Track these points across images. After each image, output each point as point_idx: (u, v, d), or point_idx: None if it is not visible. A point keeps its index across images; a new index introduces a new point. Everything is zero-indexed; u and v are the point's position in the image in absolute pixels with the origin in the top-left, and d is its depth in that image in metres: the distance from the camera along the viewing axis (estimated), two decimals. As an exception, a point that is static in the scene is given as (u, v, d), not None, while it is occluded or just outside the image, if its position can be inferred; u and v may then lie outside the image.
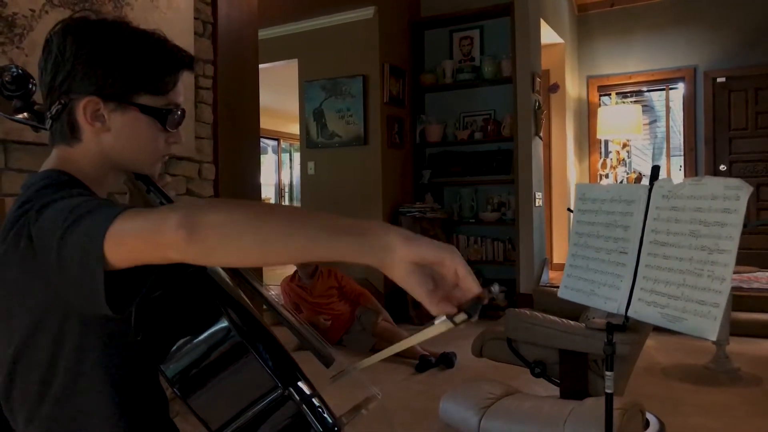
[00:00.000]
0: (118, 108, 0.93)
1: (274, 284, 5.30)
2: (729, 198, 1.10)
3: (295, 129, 9.50)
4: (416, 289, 0.65)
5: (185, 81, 1.02)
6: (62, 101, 0.92)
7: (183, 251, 0.66)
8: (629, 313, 1.25)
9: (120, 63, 0.92)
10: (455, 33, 5.60)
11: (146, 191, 1.10)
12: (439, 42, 5.67)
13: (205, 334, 0.95)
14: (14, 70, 1.06)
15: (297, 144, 10.85)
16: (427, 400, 3.14)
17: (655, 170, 1.27)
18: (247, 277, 1.18)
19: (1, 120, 2.14)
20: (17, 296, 0.85)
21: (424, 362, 3.70)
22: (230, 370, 0.95)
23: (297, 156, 11.37)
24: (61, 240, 0.73)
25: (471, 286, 0.66)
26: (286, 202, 11.68)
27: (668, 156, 6.48)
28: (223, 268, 1.15)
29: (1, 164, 2.30)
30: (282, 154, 11.33)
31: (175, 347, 0.94)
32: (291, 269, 4.64)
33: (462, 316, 0.66)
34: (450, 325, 0.67)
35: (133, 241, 0.70)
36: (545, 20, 5.41)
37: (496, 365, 2.85)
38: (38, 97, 1.10)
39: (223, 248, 0.67)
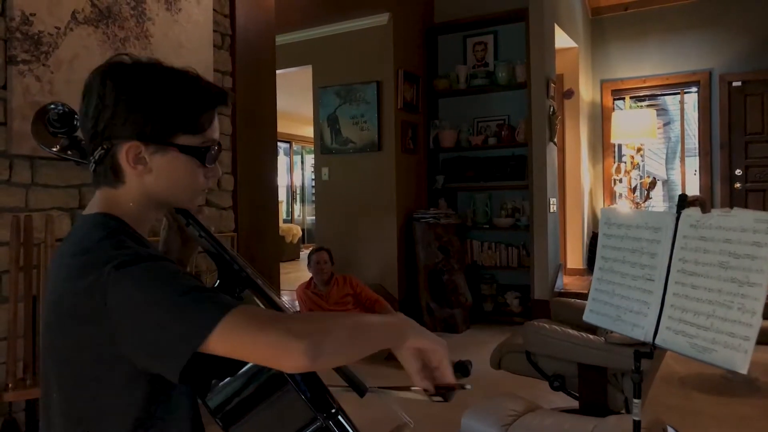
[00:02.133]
0: (158, 150, 0.95)
1: (289, 289, 5.34)
2: (759, 231, 1.10)
3: (306, 131, 9.56)
4: (411, 365, 0.89)
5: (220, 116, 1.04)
6: (105, 146, 0.94)
7: (298, 369, 0.79)
8: (657, 341, 1.26)
9: (158, 106, 0.94)
10: (469, 38, 5.60)
11: (186, 224, 1.12)
12: (453, 47, 5.67)
13: (246, 367, 0.98)
14: (60, 107, 1.09)
15: (309, 146, 10.93)
16: (445, 409, 3.15)
17: (682, 199, 1.28)
18: (275, 300, 1.20)
19: (28, 137, 2.18)
20: (75, 346, 0.87)
21: (440, 370, 3.71)
22: (270, 401, 0.97)
23: (308, 158, 11.43)
24: (159, 321, 0.80)
25: (447, 375, 0.90)
26: (298, 205, 11.72)
27: (683, 160, 6.45)
28: (259, 292, 1.17)
29: (28, 180, 2.34)
30: (294, 156, 11.38)
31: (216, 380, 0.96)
32: (300, 275, 4.66)
33: (438, 398, 0.90)
34: (426, 398, 0.91)
35: (244, 347, 0.79)
36: (559, 25, 5.40)
37: (512, 375, 2.86)
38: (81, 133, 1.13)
39: (330, 365, 0.84)
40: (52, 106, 1.10)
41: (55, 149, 1.11)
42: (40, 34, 2.32)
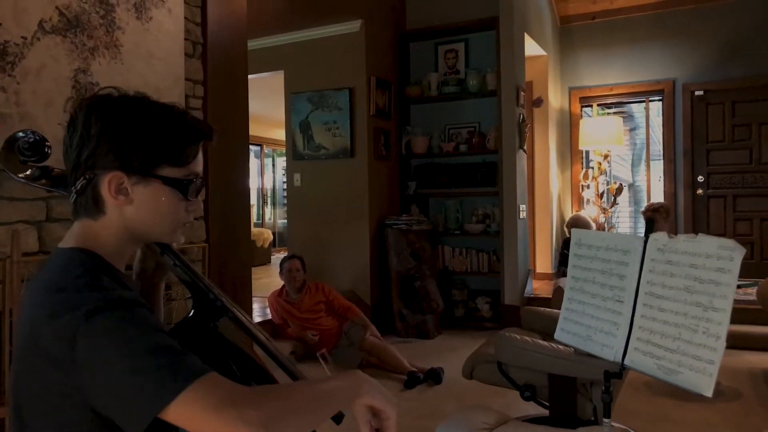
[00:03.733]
0: (141, 181, 0.95)
1: (261, 296, 5.31)
2: (723, 258, 1.14)
3: (277, 135, 9.50)
4: (361, 418, 0.93)
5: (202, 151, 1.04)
6: (87, 176, 0.94)
7: None
8: (626, 362, 1.30)
9: (143, 138, 0.94)
10: (441, 46, 5.65)
11: (161, 253, 1.12)
12: (425, 54, 5.71)
13: None
14: (30, 135, 1.07)
15: (279, 149, 10.87)
16: (418, 418, 3.18)
17: (649, 223, 1.32)
18: (249, 328, 1.20)
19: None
20: (44, 385, 0.86)
21: (412, 378, 3.74)
22: None
23: (279, 161, 11.36)
24: (119, 384, 0.80)
25: (391, 430, 0.94)
26: (269, 208, 11.65)
27: (648, 165, 6.61)
28: (234, 321, 1.17)
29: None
30: (265, 159, 11.30)
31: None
32: (271, 280, 4.63)
33: None
34: None
35: (199, 425, 0.78)
36: (529, 33, 5.48)
37: (488, 385, 2.90)
38: (52, 160, 1.11)
39: None
40: (22, 134, 1.08)
41: (21, 176, 1.09)
42: (6, 44, 2.27)
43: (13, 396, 0.92)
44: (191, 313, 1.13)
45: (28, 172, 1.11)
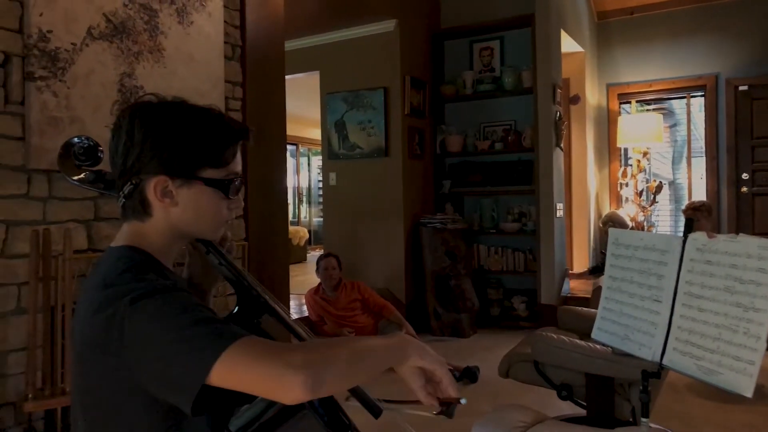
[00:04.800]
0: (184, 183, 0.99)
1: (297, 293, 5.39)
2: (764, 258, 1.13)
3: (313, 134, 9.59)
4: (414, 382, 0.93)
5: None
6: (134, 181, 0.99)
7: (297, 401, 0.81)
8: (664, 362, 1.29)
9: (184, 142, 0.99)
10: (475, 44, 5.63)
11: (205, 252, 1.16)
12: (460, 53, 5.70)
13: None
14: (85, 141, 1.13)
15: (315, 148, 10.97)
16: (455, 420, 3.19)
17: (689, 223, 1.31)
18: (292, 325, 1.23)
19: (45, 152, 2.23)
20: (98, 375, 0.92)
21: (447, 376, 3.75)
22: (288, 424, 1.01)
23: (315, 160, 11.48)
24: (165, 355, 0.83)
25: (449, 390, 0.94)
26: (304, 206, 11.77)
27: (689, 163, 6.46)
28: (277, 317, 1.20)
29: (46, 193, 2.39)
30: (300, 158, 11.43)
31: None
32: (307, 278, 4.70)
33: (441, 415, 0.96)
34: (430, 414, 0.98)
35: (245, 379, 0.81)
36: (565, 30, 5.42)
37: (526, 384, 2.89)
38: (103, 164, 1.17)
39: (332, 393, 0.87)
40: (77, 139, 1.14)
41: (76, 179, 1.15)
42: (57, 51, 2.37)
43: (75, 390, 0.98)
44: (235, 310, 1.18)
45: (82, 176, 1.17)
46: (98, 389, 0.93)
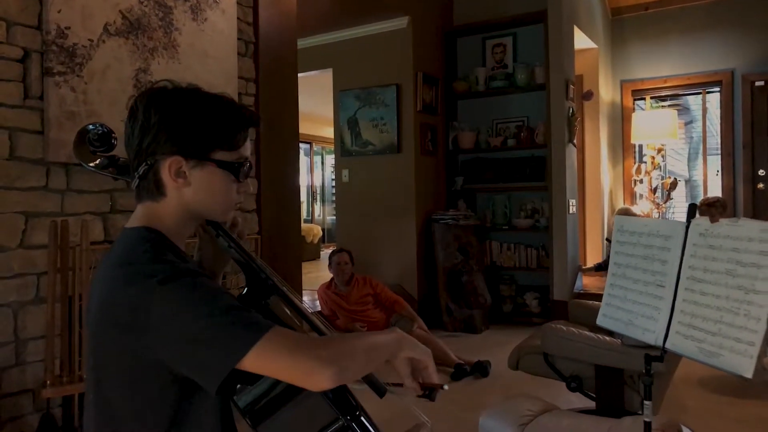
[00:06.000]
0: (197, 165, 1.03)
1: (310, 289, 5.44)
2: (765, 241, 1.14)
3: (326, 132, 9.65)
4: (403, 371, 1.04)
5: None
6: (149, 162, 1.02)
7: (324, 389, 0.92)
8: (667, 345, 1.30)
9: (198, 125, 1.03)
10: (488, 40, 5.64)
11: (215, 235, 1.20)
12: (472, 49, 5.71)
13: None
14: (99, 128, 1.17)
15: (329, 147, 11.03)
16: (463, 410, 3.21)
17: (692, 208, 1.32)
18: (298, 306, 1.26)
19: (64, 145, 2.29)
20: (115, 352, 0.96)
21: (459, 371, 3.77)
22: (295, 401, 1.04)
23: (328, 159, 11.54)
24: (198, 338, 0.89)
25: (433, 377, 1.06)
26: (318, 204, 11.84)
27: (704, 160, 6.40)
28: (284, 299, 1.23)
29: (64, 186, 2.45)
30: (314, 157, 11.50)
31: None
32: (320, 274, 4.74)
33: (424, 398, 1.09)
34: (414, 398, 1.10)
35: (276, 368, 0.89)
36: (578, 26, 5.41)
37: (530, 375, 2.90)
38: (118, 150, 1.21)
39: (351, 381, 0.97)
40: (92, 126, 1.19)
41: (92, 165, 1.19)
42: (75, 47, 2.42)
43: (91, 367, 1.01)
44: (244, 291, 1.21)
45: (97, 162, 1.21)
46: (112, 366, 0.96)
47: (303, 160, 11.28)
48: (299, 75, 3.86)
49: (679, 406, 3.14)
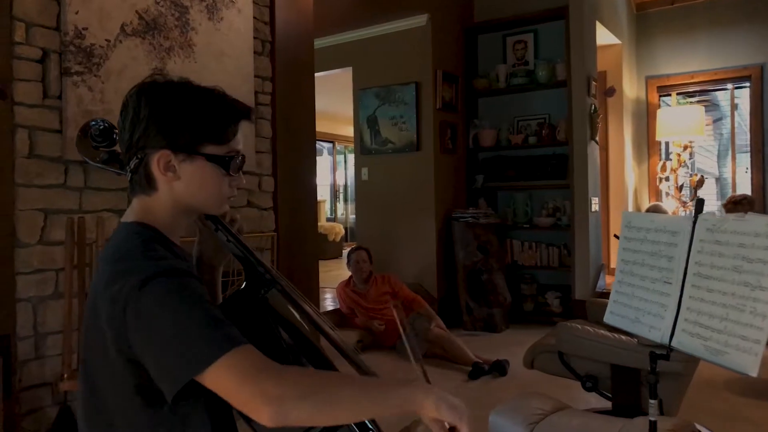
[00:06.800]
0: (187, 158, 1.03)
1: (331, 287, 5.46)
2: (772, 236, 1.11)
3: (349, 132, 9.66)
4: (434, 429, 0.88)
5: (244, 130, 1.12)
6: (139, 156, 1.03)
7: (266, 425, 0.84)
8: (673, 343, 1.27)
9: (187, 118, 1.03)
10: (509, 37, 5.59)
11: (215, 230, 1.21)
12: (493, 46, 5.67)
13: None
14: (101, 123, 1.19)
15: (351, 146, 11.04)
16: (479, 408, 3.18)
17: (700, 203, 1.29)
18: (297, 300, 1.26)
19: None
20: (101, 345, 0.97)
21: (477, 369, 3.74)
22: None
23: (351, 158, 11.56)
24: (165, 344, 0.88)
25: None
26: (341, 203, 11.87)
27: (733, 157, 6.25)
28: (282, 292, 1.23)
29: (81, 183, 2.50)
30: (337, 156, 11.53)
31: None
32: (342, 273, 4.75)
33: None
34: None
35: (225, 390, 0.86)
36: (601, 21, 5.32)
37: (550, 375, 2.87)
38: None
39: (300, 425, 0.87)
40: (93, 122, 1.20)
41: (96, 161, 1.21)
42: (92, 47, 2.47)
43: (83, 356, 1.03)
44: (243, 286, 1.22)
45: (99, 157, 1.23)
46: (99, 359, 0.98)
47: (327, 159, 11.32)
48: (320, 74, 3.88)
49: (702, 408, 3.06)
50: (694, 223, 1.27)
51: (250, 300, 1.21)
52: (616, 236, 1.43)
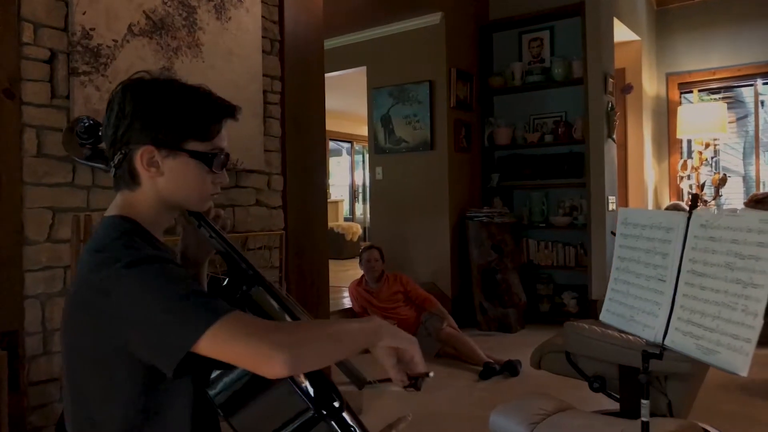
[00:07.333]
0: (170, 154, 1.04)
1: (342, 286, 5.46)
2: (763, 232, 1.06)
3: (366, 131, 9.68)
4: (387, 362, 1.00)
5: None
6: (123, 151, 1.04)
7: (278, 376, 0.89)
8: (666, 342, 1.24)
9: (171, 115, 1.04)
10: (524, 35, 5.53)
11: (197, 226, 1.21)
12: (508, 44, 5.62)
13: None
14: (86, 121, 1.20)
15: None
16: (487, 408, 3.14)
17: (694, 198, 1.25)
18: (281, 296, 1.26)
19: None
20: (84, 336, 0.98)
21: (488, 369, 3.71)
22: (265, 393, 1.03)
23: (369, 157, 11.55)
24: (155, 321, 0.90)
25: (419, 366, 1.02)
26: (359, 203, 11.88)
27: (757, 155, 6.10)
28: (266, 289, 1.23)
29: (89, 182, 2.53)
30: (355, 156, 11.54)
31: (217, 372, 1.04)
32: (359, 273, 4.75)
33: (410, 388, 1.03)
34: (401, 389, 1.04)
35: (231, 353, 0.88)
36: (619, 18, 5.24)
37: (560, 376, 2.83)
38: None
39: (310, 370, 0.95)
40: (80, 120, 1.22)
41: (81, 157, 1.22)
42: (100, 47, 2.50)
43: (64, 348, 1.04)
44: (225, 282, 1.22)
45: (83, 153, 1.24)
46: (83, 349, 0.99)
47: (345, 159, 11.34)
48: (336, 74, 3.87)
49: (715, 411, 2.99)
50: (689, 219, 1.23)
51: (231, 296, 1.21)
52: (613, 233, 1.40)
